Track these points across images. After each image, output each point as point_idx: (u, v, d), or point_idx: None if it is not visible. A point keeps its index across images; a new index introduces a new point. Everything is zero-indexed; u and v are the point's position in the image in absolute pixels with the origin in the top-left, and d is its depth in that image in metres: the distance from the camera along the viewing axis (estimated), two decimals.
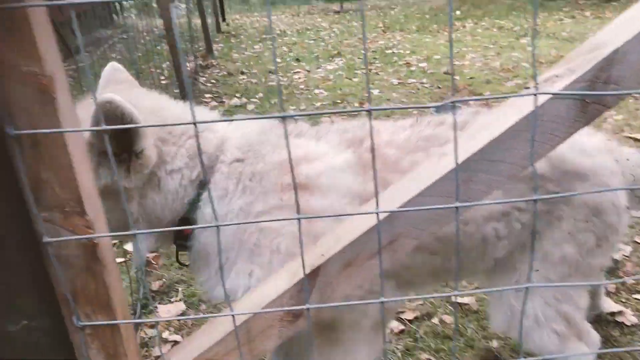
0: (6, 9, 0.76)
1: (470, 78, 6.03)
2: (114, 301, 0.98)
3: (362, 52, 8.26)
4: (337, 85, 6.34)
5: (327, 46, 9.14)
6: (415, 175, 1.04)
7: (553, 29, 8.71)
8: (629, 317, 2.19)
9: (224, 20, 12.78)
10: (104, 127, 0.84)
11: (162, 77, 6.31)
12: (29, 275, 0.92)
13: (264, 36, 10.75)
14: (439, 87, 5.86)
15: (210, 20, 10.89)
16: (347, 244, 1.02)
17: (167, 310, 2.42)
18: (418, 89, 5.88)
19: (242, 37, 10.89)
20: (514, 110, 0.98)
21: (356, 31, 10.61)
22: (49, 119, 0.84)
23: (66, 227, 0.90)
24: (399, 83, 6.21)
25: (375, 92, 5.89)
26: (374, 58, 7.74)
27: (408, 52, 7.97)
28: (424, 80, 6.19)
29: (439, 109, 1.89)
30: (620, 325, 2.16)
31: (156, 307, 2.45)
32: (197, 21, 8.95)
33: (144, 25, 7.65)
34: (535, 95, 0.89)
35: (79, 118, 0.90)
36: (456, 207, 0.90)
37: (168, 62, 6.52)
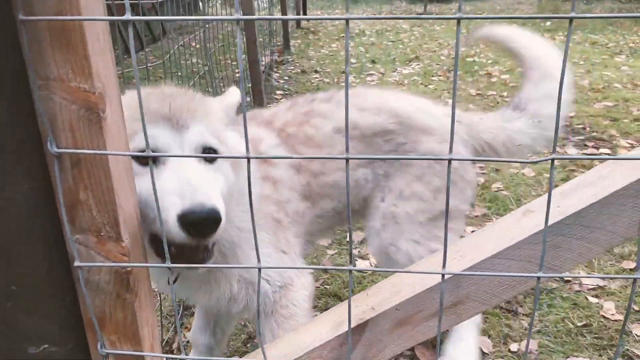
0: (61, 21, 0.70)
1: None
2: (143, 332, 0.91)
3: (442, 57, 7.99)
4: (411, 91, 6.15)
5: (405, 49, 8.92)
6: (492, 232, 0.90)
7: None
8: None
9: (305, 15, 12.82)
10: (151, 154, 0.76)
11: (237, 70, 6.36)
12: (56, 298, 0.86)
13: (342, 35, 10.66)
14: None
15: (291, 14, 10.96)
16: (405, 300, 0.89)
17: None
18: (497, 102, 5.59)
19: (320, 34, 10.85)
20: (623, 171, 0.82)
21: (437, 35, 10.30)
22: (93, 138, 0.77)
23: (99, 252, 0.84)
24: (477, 94, 5.93)
25: (449, 101, 5.65)
26: (453, 65, 7.46)
27: (490, 61, 7.62)
28: (505, 94, 5.88)
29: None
30: None
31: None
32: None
33: (226, 14, 7.78)
34: None
35: (126, 137, 0.83)
36: (538, 277, 0.76)
37: (244, 55, 6.56)
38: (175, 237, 1.05)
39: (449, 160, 0.70)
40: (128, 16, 0.69)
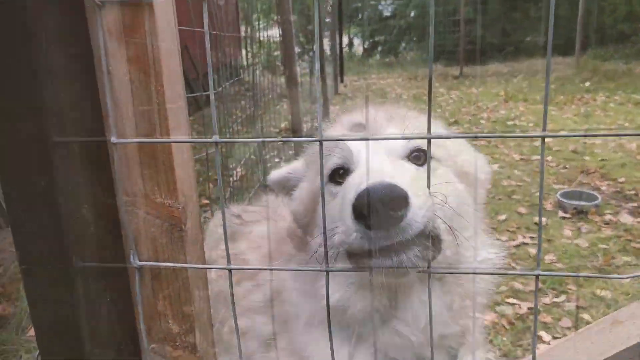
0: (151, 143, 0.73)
1: (602, 160, 5.53)
2: None
3: (481, 121, 8.00)
4: None
5: (443, 113, 8.97)
6: (579, 343, 0.85)
7: None
8: None
9: (342, 81, 13.14)
10: None
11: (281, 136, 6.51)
12: None
13: (378, 100, 10.85)
14: (566, 167, 5.43)
15: (329, 82, 11.25)
16: None
17: None
18: None
19: (358, 99, 11.08)
20: None
21: (475, 98, 10.36)
22: (175, 251, 0.79)
23: None
24: (520, 159, 5.86)
25: (495, 167, 5.59)
26: (494, 128, 7.44)
27: (532, 124, 7.57)
28: (549, 158, 5.78)
29: None
30: None
31: None
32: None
33: (268, 82, 8.06)
34: None
35: (204, 251, 0.85)
36: None
37: (286, 123, 6.73)
38: (353, 239, 0.86)
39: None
40: (216, 138, 0.72)
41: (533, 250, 3.53)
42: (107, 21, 0.73)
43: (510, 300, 2.91)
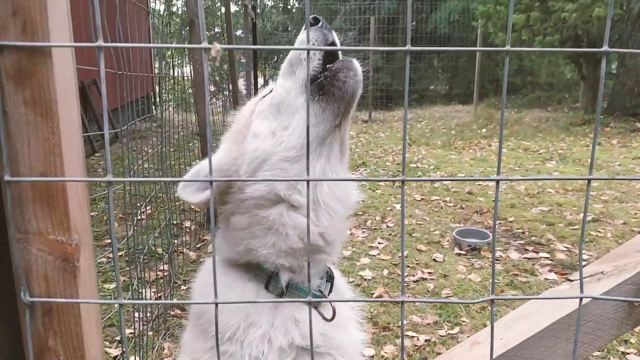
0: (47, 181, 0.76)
1: (494, 201, 5.99)
2: None
3: (387, 163, 8.38)
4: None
5: (353, 155, 9.32)
6: None
7: (579, 155, 8.77)
8: None
9: None
10: None
11: None
12: None
13: None
14: (462, 208, 5.83)
15: None
16: None
17: None
18: (441, 207, 5.86)
19: None
20: (555, 305, 0.92)
21: (382, 142, 10.86)
22: (67, 287, 0.81)
23: None
24: (421, 199, 6.21)
25: (397, 206, 5.87)
26: (398, 171, 7.83)
27: (432, 167, 8.06)
28: (447, 198, 6.18)
29: None
30: None
31: None
32: None
33: (180, 120, 7.96)
34: (580, 298, 0.82)
35: (96, 289, 0.87)
36: None
37: (197, 161, 6.66)
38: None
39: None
40: (109, 177, 0.77)
41: (431, 285, 3.74)
42: (5, 63, 0.76)
43: (409, 332, 3.06)
